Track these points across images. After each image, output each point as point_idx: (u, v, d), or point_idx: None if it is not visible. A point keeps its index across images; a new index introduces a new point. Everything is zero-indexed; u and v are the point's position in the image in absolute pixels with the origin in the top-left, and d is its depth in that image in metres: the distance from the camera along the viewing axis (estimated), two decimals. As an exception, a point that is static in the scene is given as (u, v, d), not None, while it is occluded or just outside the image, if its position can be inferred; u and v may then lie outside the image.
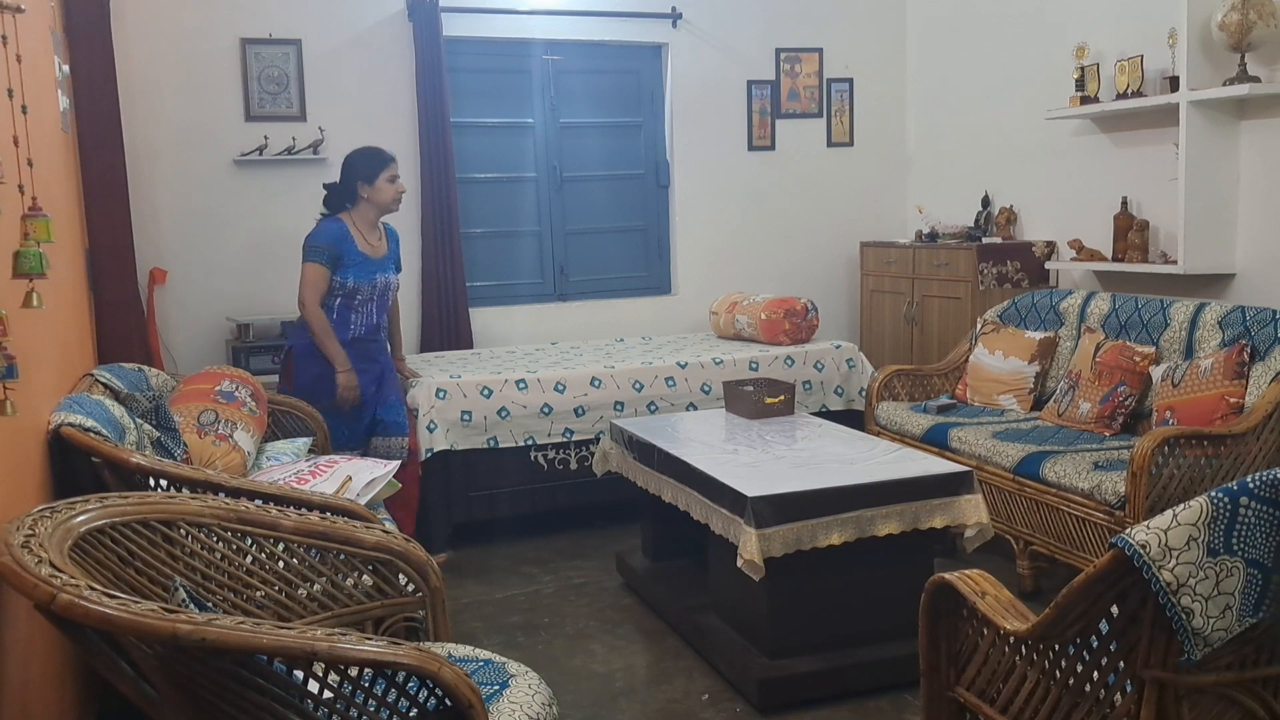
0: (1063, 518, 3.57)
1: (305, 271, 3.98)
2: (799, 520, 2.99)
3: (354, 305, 4.05)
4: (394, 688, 1.66)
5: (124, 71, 4.69)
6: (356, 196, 4.08)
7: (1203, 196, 4.22)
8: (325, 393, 4.00)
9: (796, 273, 6.10)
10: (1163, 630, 1.67)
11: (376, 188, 4.07)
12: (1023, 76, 5.32)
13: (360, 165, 4.10)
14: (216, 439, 3.40)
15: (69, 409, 2.60)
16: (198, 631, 1.47)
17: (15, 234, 1.97)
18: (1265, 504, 1.63)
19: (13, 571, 1.51)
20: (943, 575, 2.13)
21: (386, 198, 4.11)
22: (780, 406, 4.02)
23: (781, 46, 6.02)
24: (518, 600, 3.94)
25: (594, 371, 4.67)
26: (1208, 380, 3.59)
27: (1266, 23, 3.92)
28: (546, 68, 5.68)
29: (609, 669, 3.34)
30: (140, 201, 4.85)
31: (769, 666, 3.05)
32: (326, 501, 2.60)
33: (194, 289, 5.06)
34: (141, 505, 2.02)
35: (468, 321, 5.45)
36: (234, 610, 2.14)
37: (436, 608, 2.36)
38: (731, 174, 6.00)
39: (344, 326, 4.05)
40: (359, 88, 5.27)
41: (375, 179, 4.07)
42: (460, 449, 4.41)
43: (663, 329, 5.90)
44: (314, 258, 3.98)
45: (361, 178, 4.07)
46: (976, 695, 2.10)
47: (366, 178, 4.07)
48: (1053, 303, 4.61)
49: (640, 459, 3.78)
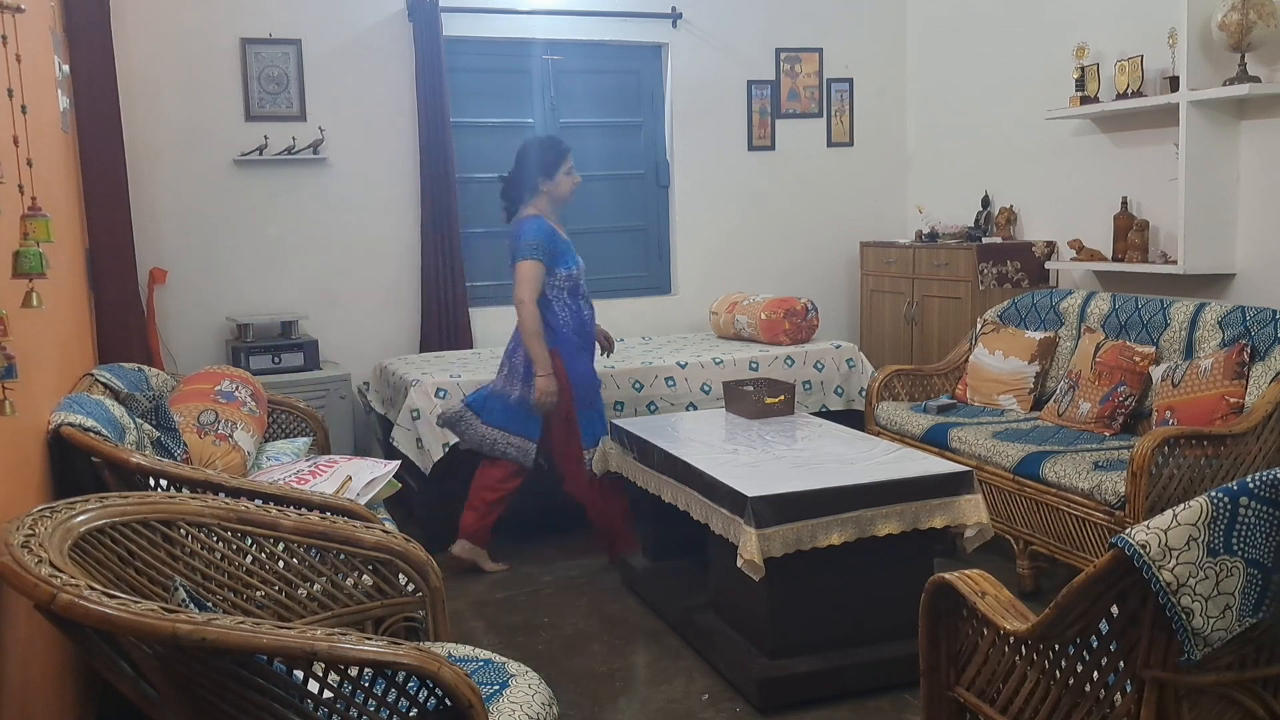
0: (1063, 518, 3.57)
1: (524, 270, 3.98)
2: (799, 520, 2.99)
3: (580, 292, 4.11)
4: (394, 688, 1.66)
5: (124, 71, 4.69)
6: (536, 189, 4.09)
7: (1203, 196, 4.22)
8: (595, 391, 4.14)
9: (796, 273, 6.10)
10: (1163, 630, 1.67)
11: (556, 181, 4.09)
12: (1023, 76, 5.32)
13: (539, 159, 4.10)
14: (216, 439, 3.40)
15: (69, 409, 2.60)
16: (198, 631, 1.47)
17: (15, 234, 1.97)
18: (1265, 504, 1.63)
19: (13, 571, 1.51)
20: (943, 575, 2.13)
21: (564, 190, 4.13)
22: (780, 406, 4.02)
23: (781, 46, 6.02)
24: (518, 600, 3.94)
25: (594, 371, 4.66)
26: (1208, 380, 3.59)
27: (1266, 23, 3.92)
28: (546, 68, 5.68)
29: (609, 669, 3.34)
30: (140, 201, 4.85)
31: (769, 666, 3.05)
32: (326, 501, 2.60)
33: (194, 289, 5.06)
34: (141, 505, 2.02)
35: (468, 321, 5.45)
36: (234, 610, 2.14)
37: (436, 608, 2.36)
38: (731, 174, 6.00)
39: (578, 316, 4.10)
40: (359, 88, 5.27)
41: (555, 173, 4.09)
42: (461, 449, 4.40)
43: (663, 329, 5.90)
44: (532, 255, 3.97)
45: (541, 172, 4.08)
46: (976, 695, 2.10)
47: (546, 172, 4.08)
48: (1053, 303, 4.61)
49: (640, 459, 3.78)
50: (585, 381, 4.13)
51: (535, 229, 4.02)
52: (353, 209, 5.30)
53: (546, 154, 4.09)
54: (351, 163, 5.28)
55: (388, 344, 5.37)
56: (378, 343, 5.34)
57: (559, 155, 4.09)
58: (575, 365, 4.10)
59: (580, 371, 4.12)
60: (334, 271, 5.30)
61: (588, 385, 4.15)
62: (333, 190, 5.26)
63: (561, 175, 4.09)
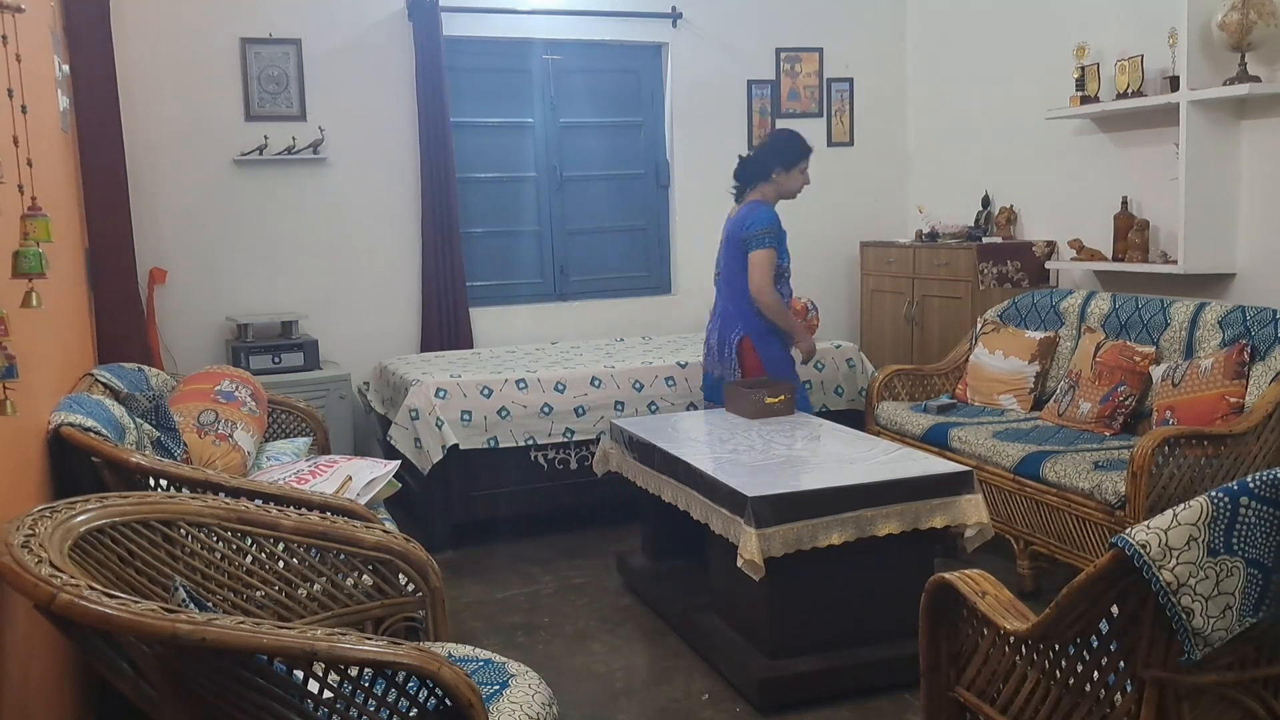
0: (1063, 518, 3.57)
1: (760, 258, 4.07)
2: (799, 520, 2.99)
3: (787, 281, 4.22)
4: (394, 688, 1.66)
5: (124, 71, 4.69)
6: (769, 177, 4.16)
7: (1203, 196, 4.22)
8: (789, 367, 4.21)
9: (797, 272, 6.00)
10: (1163, 630, 1.67)
11: (791, 176, 4.17)
12: (1023, 76, 5.32)
13: (784, 150, 4.18)
14: (216, 439, 3.40)
15: (69, 409, 2.60)
16: (198, 631, 1.47)
17: (15, 234, 1.97)
18: (1265, 504, 1.63)
19: (13, 571, 1.51)
20: (943, 575, 2.13)
21: (794, 186, 4.20)
22: (780, 406, 4.02)
23: (781, 46, 6.02)
24: (518, 600, 3.94)
25: (594, 371, 4.67)
26: (1208, 380, 3.59)
27: (1266, 22, 3.92)
28: (546, 67, 5.68)
29: (609, 669, 3.34)
30: (140, 201, 4.85)
31: (769, 666, 3.05)
32: (326, 501, 2.60)
33: (194, 289, 5.06)
34: (141, 505, 2.02)
35: (468, 321, 5.46)
36: (234, 610, 2.14)
37: (436, 608, 2.36)
38: (732, 174, 5.98)
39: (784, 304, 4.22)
40: (359, 87, 5.27)
41: (792, 168, 4.16)
42: (461, 449, 4.40)
43: (663, 329, 5.90)
44: (768, 243, 4.06)
45: (781, 163, 4.16)
46: (977, 695, 2.10)
47: (786, 164, 4.16)
48: (1053, 302, 4.61)
49: (640, 459, 3.78)
50: (778, 368, 4.19)
51: (769, 217, 4.11)
52: (353, 209, 5.31)
53: (790, 147, 4.18)
54: (351, 163, 5.28)
55: (388, 344, 5.37)
56: (378, 343, 5.34)
57: (801, 153, 4.17)
58: (768, 351, 4.18)
59: (772, 357, 4.19)
60: (334, 271, 5.30)
61: (782, 363, 4.21)
62: (333, 190, 5.26)
63: (798, 172, 4.17)
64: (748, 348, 4.19)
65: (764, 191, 4.19)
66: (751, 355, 4.19)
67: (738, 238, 4.16)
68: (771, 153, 4.20)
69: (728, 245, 4.25)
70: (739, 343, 4.20)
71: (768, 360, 4.19)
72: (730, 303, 4.24)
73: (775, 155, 4.18)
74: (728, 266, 4.25)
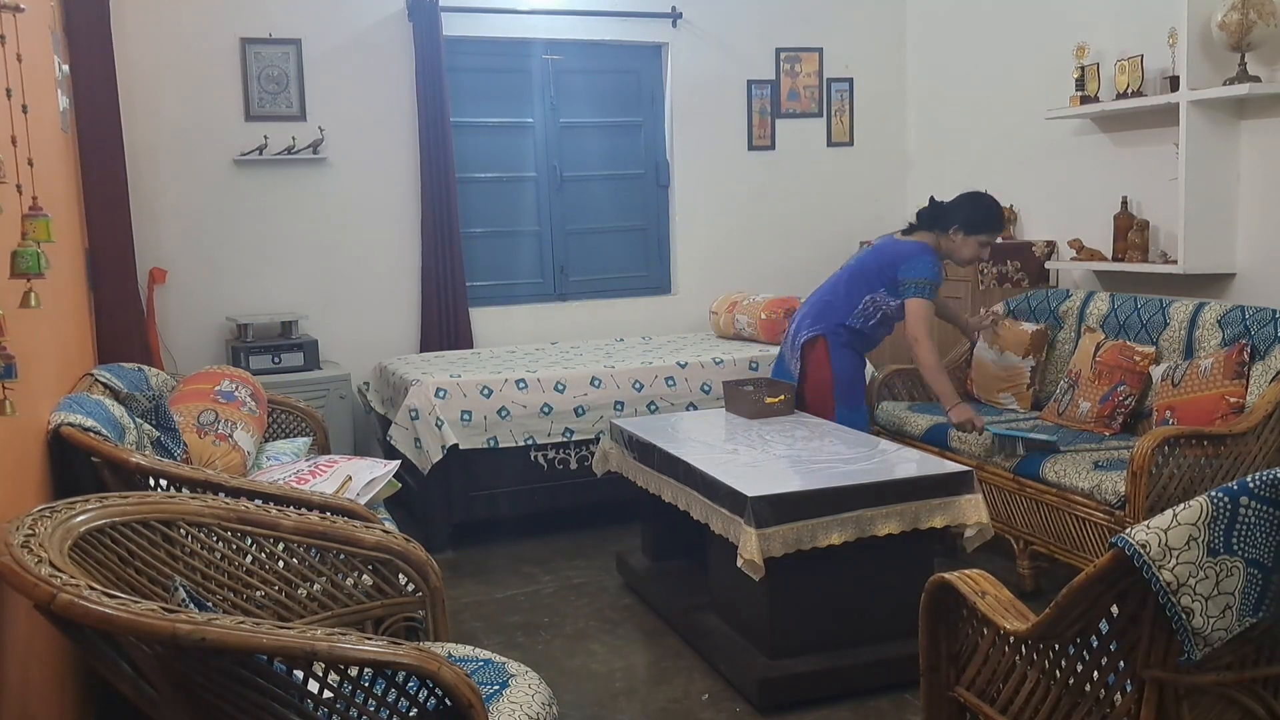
0: (1063, 518, 3.57)
1: (920, 309, 3.94)
2: (799, 520, 2.99)
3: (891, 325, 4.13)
4: (394, 688, 1.66)
5: (124, 71, 4.69)
6: (946, 230, 4.04)
7: (1203, 196, 4.22)
8: (854, 389, 4.08)
9: (797, 273, 6.09)
10: (1163, 630, 1.67)
11: (966, 241, 4.03)
12: (1023, 76, 5.32)
13: (974, 212, 4.04)
14: (216, 439, 3.40)
15: (69, 409, 2.60)
16: (198, 631, 1.47)
17: (15, 234, 1.97)
18: (1265, 504, 1.63)
19: (13, 571, 1.51)
20: (943, 575, 2.13)
21: (964, 254, 4.07)
22: (780, 406, 4.02)
23: (781, 46, 6.02)
24: (518, 600, 3.94)
25: (594, 371, 4.67)
26: (1208, 380, 3.59)
27: (1266, 22, 3.92)
28: (546, 67, 5.68)
29: (609, 669, 3.34)
30: (140, 201, 4.85)
31: (769, 666, 3.05)
32: (326, 501, 2.60)
33: (194, 289, 5.06)
34: (141, 505, 2.02)
35: (468, 321, 5.46)
36: (234, 610, 2.14)
37: (436, 608, 2.36)
38: (731, 174, 6.00)
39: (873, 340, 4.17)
40: (359, 88, 5.27)
41: (973, 234, 4.02)
42: (461, 449, 4.40)
43: (663, 329, 5.90)
44: (928, 296, 3.95)
45: (965, 224, 4.02)
46: (977, 695, 2.10)
47: (969, 227, 4.02)
48: (1052, 302, 4.61)
49: (640, 459, 3.78)
50: (845, 386, 4.09)
51: (934, 267, 3.99)
52: (353, 209, 5.31)
53: (981, 212, 4.04)
54: (351, 163, 5.28)
55: (388, 344, 5.37)
56: (378, 343, 5.34)
57: (989, 225, 4.04)
58: (840, 363, 4.08)
59: (843, 371, 4.08)
60: (334, 271, 5.30)
61: (850, 380, 4.11)
62: (333, 190, 5.26)
63: (975, 240, 4.03)
64: (820, 349, 4.10)
65: (935, 239, 4.07)
66: (820, 358, 4.10)
67: (890, 267, 4.02)
68: (961, 208, 4.06)
69: (866, 266, 4.11)
70: (813, 340, 4.12)
71: (839, 372, 4.08)
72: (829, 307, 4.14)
73: (964, 212, 4.04)
74: (850, 283, 4.12)
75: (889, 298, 4.05)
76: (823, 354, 4.10)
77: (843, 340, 4.11)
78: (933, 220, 4.09)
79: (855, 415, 4.08)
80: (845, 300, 4.11)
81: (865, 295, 4.08)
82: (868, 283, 4.08)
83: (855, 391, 4.14)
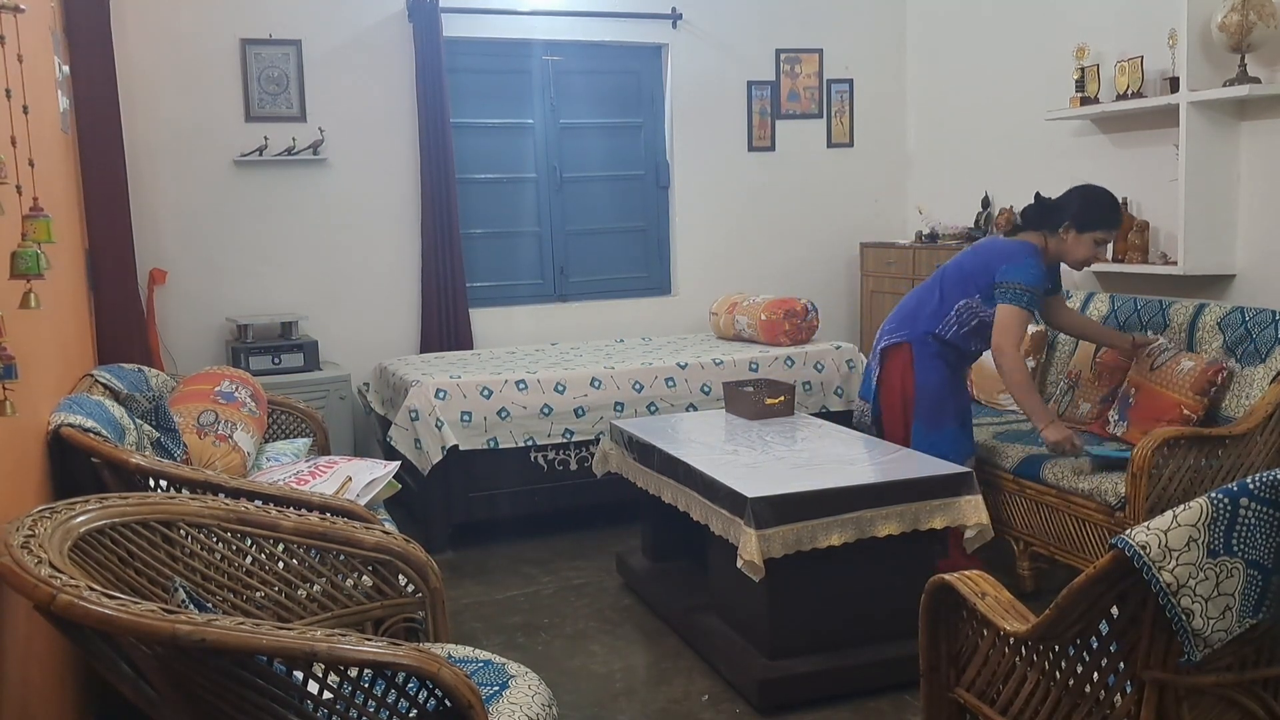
0: (1063, 518, 3.57)
1: (1012, 316, 3.52)
2: (799, 521, 2.99)
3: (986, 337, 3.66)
4: (394, 688, 1.66)
5: (124, 71, 4.69)
6: (1056, 230, 3.64)
7: (1203, 197, 4.22)
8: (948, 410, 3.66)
9: (796, 273, 6.10)
10: (1163, 631, 1.67)
11: (1080, 240, 3.61)
12: (1023, 77, 5.32)
13: (1088, 207, 3.61)
14: (216, 439, 3.40)
15: (69, 409, 2.60)
16: (197, 632, 1.47)
17: (15, 234, 1.97)
18: (1265, 505, 1.63)
19: (12, 572, 1.51)
20: (943, 576, 2.13)
21: (1079, 254, 3.64)
22: (780, 407, 4.02)
23: (781, 47, 6.02)
24: (518, 600, 3.94)
25: (594, 372, 4.67)
26: (1178, 381, 3.60)
27: (1266, 23, 3.92)
28: (546, 68, 5.68)
29: (609, 669, 3.34)
30: (140, 201, 4.85)
31: (769, 667, 3.05)
32: (326, 502, 2.60)
33: (194, 289, 5.06)
34: (141, 506, 2.02)
35: (468, 322, 5.46)
36: (234, 611, 2.14)
37: (436, 608, 2.36)
38: (731, 174, 6.00)
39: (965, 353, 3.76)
40: (359, 88, 5.27)
41: (1086, 231, 3.60)
42: (461, 449, 4.40)
43: (663, 329, 5.90)
44: (1025, 305, 3.53)
45: (1076, 220, 3.60)
46: (976, 696, 2.10)
47: (1081, 224, 3.60)
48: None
49: (640, 460, 3.78)
50: (929, 400, 3.68)
51: (1037, 272, 3.56)
52: (353, 209, 5.31)
53: (1096, 206, 3.61)
54: (351, 163, 5.28)
55: (388, 344, 5.37)
56: (378, 343, 5.34)
57: (1104, 221, 3.61)
58: (925, 376, 3.68)
59: (928, 385, 3.68)
60: (334, 271, 5.30)
61: (936, 396, 3.68)
62: (333, 190, 5.26)
63: (1089, 237, 3.60)
64: (901, 357, 3.72)
65: (1043, 240, 3.66)
66: (900, 366, 3.72)
67: (988, 270, 3.61)
68: (1072, 203, 3.62)
69: (963, 267, 3.72)
70: (896, 346, 3.75)
71: (923, 385, 3.68)
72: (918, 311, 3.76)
73: (1075, 207, 3.61)
74: (945, 286, 3.72)
75: (985, 305, 3.64)
76: (905, 362, 3.70)
77: (932, 350, 3.69)
78: (1040, 218, 3.68)
79: (939, 439, 3.62)
80: (939, 305, 3.70)
81: (960, 300, 3.67)
82: (963, 286, 3.67)
83: (942, 411, 3.67)
